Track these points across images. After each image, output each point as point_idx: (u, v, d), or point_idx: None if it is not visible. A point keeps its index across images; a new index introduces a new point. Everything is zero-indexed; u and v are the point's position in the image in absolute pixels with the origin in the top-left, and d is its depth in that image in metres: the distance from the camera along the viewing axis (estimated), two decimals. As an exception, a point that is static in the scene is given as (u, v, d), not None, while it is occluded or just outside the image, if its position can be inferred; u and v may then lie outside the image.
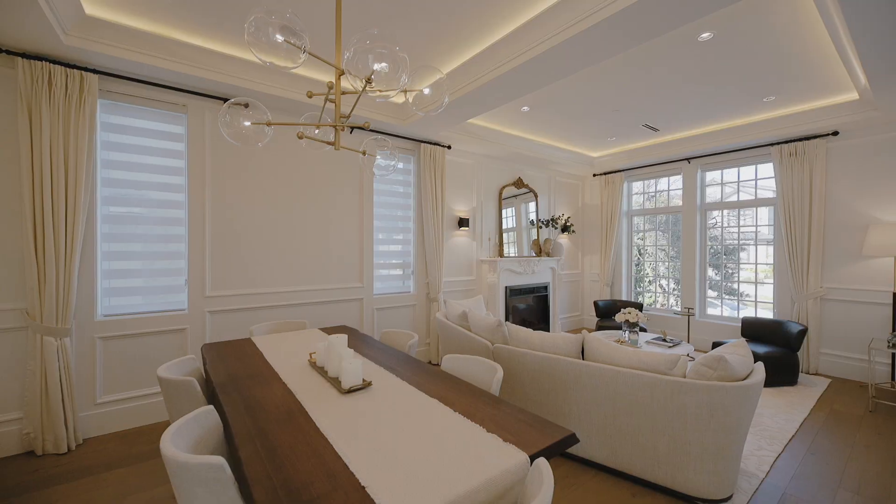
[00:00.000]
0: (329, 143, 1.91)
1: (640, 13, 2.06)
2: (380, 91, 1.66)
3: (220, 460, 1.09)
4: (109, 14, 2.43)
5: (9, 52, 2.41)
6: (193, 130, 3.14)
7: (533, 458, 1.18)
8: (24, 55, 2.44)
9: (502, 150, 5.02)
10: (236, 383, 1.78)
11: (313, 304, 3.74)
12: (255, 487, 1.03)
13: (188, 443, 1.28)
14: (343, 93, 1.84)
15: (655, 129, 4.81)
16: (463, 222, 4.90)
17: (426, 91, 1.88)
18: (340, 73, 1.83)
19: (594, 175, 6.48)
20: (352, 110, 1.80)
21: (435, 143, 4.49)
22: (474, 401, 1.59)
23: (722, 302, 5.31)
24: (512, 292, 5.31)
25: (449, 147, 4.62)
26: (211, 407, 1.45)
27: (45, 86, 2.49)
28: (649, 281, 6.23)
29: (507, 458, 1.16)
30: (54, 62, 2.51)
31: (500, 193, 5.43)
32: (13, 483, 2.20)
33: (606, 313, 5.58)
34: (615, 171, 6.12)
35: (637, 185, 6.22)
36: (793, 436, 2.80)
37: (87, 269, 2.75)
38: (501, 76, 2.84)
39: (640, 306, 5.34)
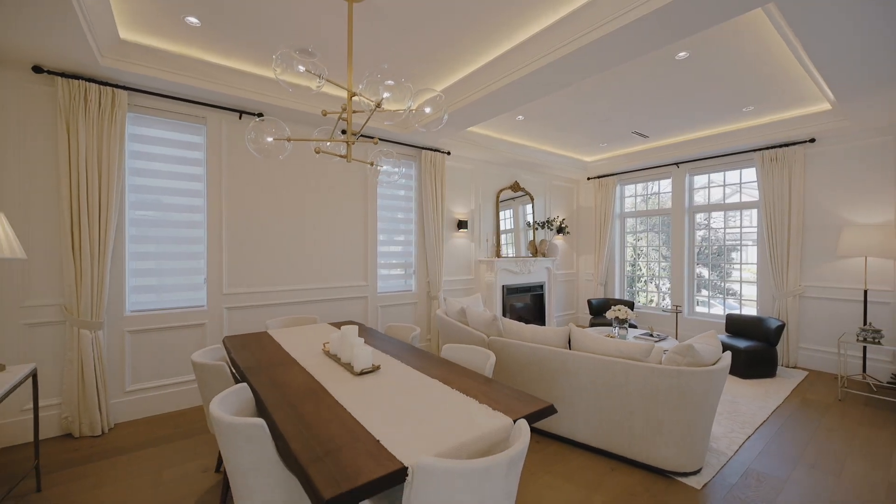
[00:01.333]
0: (342, 156, 2.16)
1: (622, 38, 2.31)
2: (389, 110, 1.91)
3: (261, 421, 1.34)
4: (141, 38, 2.68)
5: (50, 73, 2.67)
6: (212, 140, 3.39)
7: (516, 422, 1.42)
8: (64, 75, 2.70)
9: (499, 156, 5.28)
10: (261, 368, 2.04)
11: (322, 301, 4.00)
12: (292, 441, 1.28)
13: (230, 411, 1.53)
14: (354, 111, 2.08)
15: (645, 136, 5.06)
16: (462, 224, 5.15)
17: (427, 110, 2.12)
18: (352, 95, 2.08)
19: (588, 178, 6.73)
20: (362, 127, 2.05)
21: (435, 150, 4.75)
22: (470, 381, 1.84)
23: (709, 300, 5.56)
24: (509, 291, 5.56)
25: (448, 153, 4.87)
26: (245, 384, 1.70)
27: (82, 102, 2.75)
28: (645, 281, 6.47)
29: (495, 421, 1.42)
30: (90, 80, 2.77)
31: (498, 196, 5.68)
32: (58, 460, 2.45)
33: (599, 311, 5.83)
34: (608, 175, 6.37)
35: (629, 189, 6.47)
36: (764, 421, 3.05)
37: (117, 268, 3.00)
38: (497, 90, 3.09)
39: (631, 304, 5.58)
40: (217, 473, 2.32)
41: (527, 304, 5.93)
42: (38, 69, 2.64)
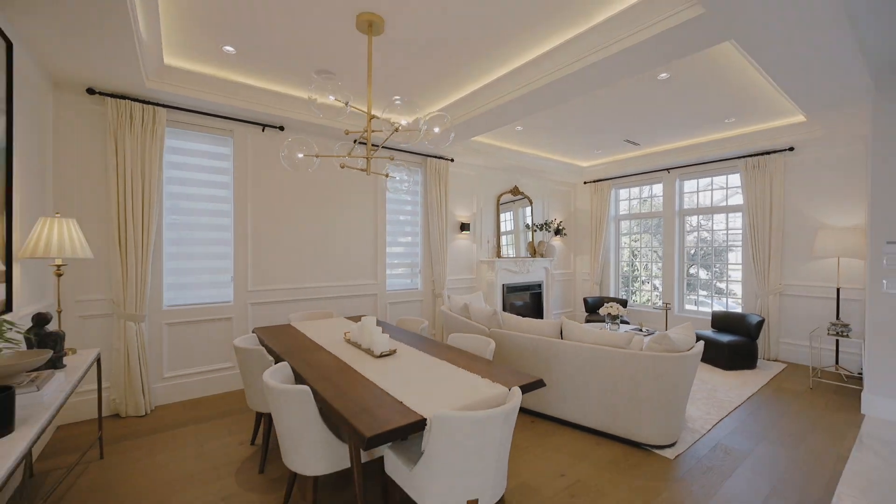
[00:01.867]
0: (361, 170, 2.50)
1: (610, 64, 2.64)
2: (405, 131, 2.25)
3: (307, 388, 1.68)
4: (182, 63, 3.03)
5: (101, 94, 3.02)
6: (238, 150, 3.74)
7: (511, 389, 1.75)
8: (113, 95, 3.05)
9: (500, 162, 5.61)
10: (294, 352, 2.37)
11: (336, 298, 4.34)
12: (334, 402, 1.61)
13: (278, 382, 1.86)
14: (373, 130, 2.42)
15: (636, 144, 5.39)
16: (464, 226, 5.48)
17: (436, 129, 2.45)
18: (371, 118, 2.42)
19: (584, 182, 7.06)
20: (383, 142, 2.39)
21: (440, 157, 5.08)
22: (473, 362, 2.17)
23: (698, 297, 5.88)
24: (509, 289, 5.89)
25: (452, 160, 5.21)
26: (286, 363, 2.04)
27: (128, 119, 3.10)
28: (643, 280, 6.77)
29: (494, 390, 1.75)
30: (135, 100, 3.12)
31: (498, 200, 6.01)
32: (111, 435, 2.79)
33: (594, 308, 6.15)
34: (603, 180, 6.70)
35: (624, 192, 6.80)
36: (738, 405, 3.37)
37: (156, 267, 3.35)
38: (501, 105, 3.42)
39: (624, 302, 5.90)
40: (252, 446, 2.65)
41: (526, 302, 6.26)
42: (91, 91, 2.99)
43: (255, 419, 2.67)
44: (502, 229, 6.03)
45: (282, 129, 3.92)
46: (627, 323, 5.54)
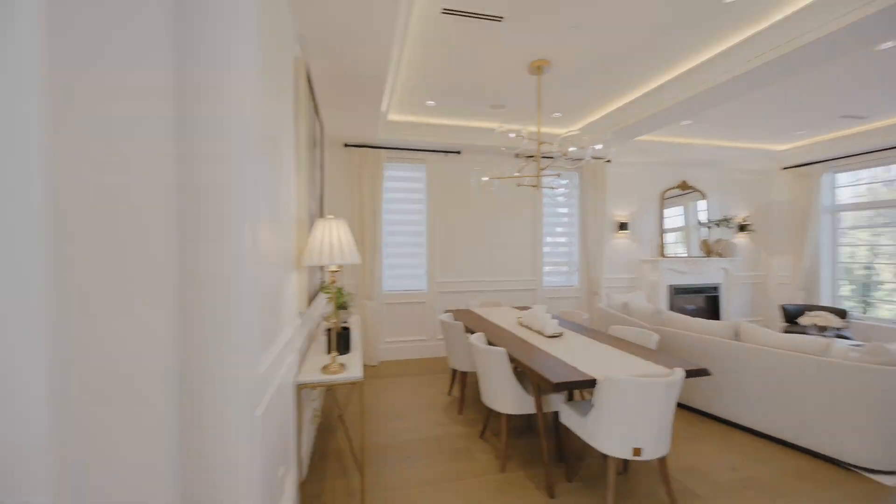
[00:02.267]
0: (532, 186, 3.07)
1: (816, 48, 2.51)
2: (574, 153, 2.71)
3: (504, 349, 2.34)
4: (397, 117, 4.23)
5: (350, 146, 4.49)
6: (429, 175, 4.85)
7: (673, 370, 2.02)
8: (357, 146, 4.48)
9: (663, 157, 5.36)
10: (484, 328, 3.12)
11: (501, 291, 5.08)
12: (524, 359, 2.23)
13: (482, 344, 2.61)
14: (542, 154, 2.96)
15: (861, 117, 4.35)
16: (623, 226, 5.47)
17: (598, 147, 2.83)
18: (541, 143, 2.96)
19: (783, 168, 5.93)
20: (548, 166, 2.91)
21: (596, 159, 5.24)
22: (633, 348, 2.48)
23: (980, 314, 4.28)
24: (676, 291, 5.55)
25: (608, 161, 5.29)
26: (482, 334, 2.78)
27: (364, 160, 4.49)
28: (892, 289, 5.28)
29: (655, 369, 2.06)
30: (368, 147, 4.50)
31: (662, 196, 5.72)
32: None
33: (795, 317, 5.17)
34: (809, 164, 5.52)
35: (842, 177, 5.43)
36: None
37: (380, 262, 4.71)
38: (661, 111, 3.50)
39: (841, 313, 4.79)
40: (448, 396, 3.56)
41: (699, 306, 5.74)
42: (346, 144, 4.49)
43: (451, 376, 3.56)
44: (668, 226, 5.71)
45: (458, 153, 4.86)
46: (847, 338, 4.53)
